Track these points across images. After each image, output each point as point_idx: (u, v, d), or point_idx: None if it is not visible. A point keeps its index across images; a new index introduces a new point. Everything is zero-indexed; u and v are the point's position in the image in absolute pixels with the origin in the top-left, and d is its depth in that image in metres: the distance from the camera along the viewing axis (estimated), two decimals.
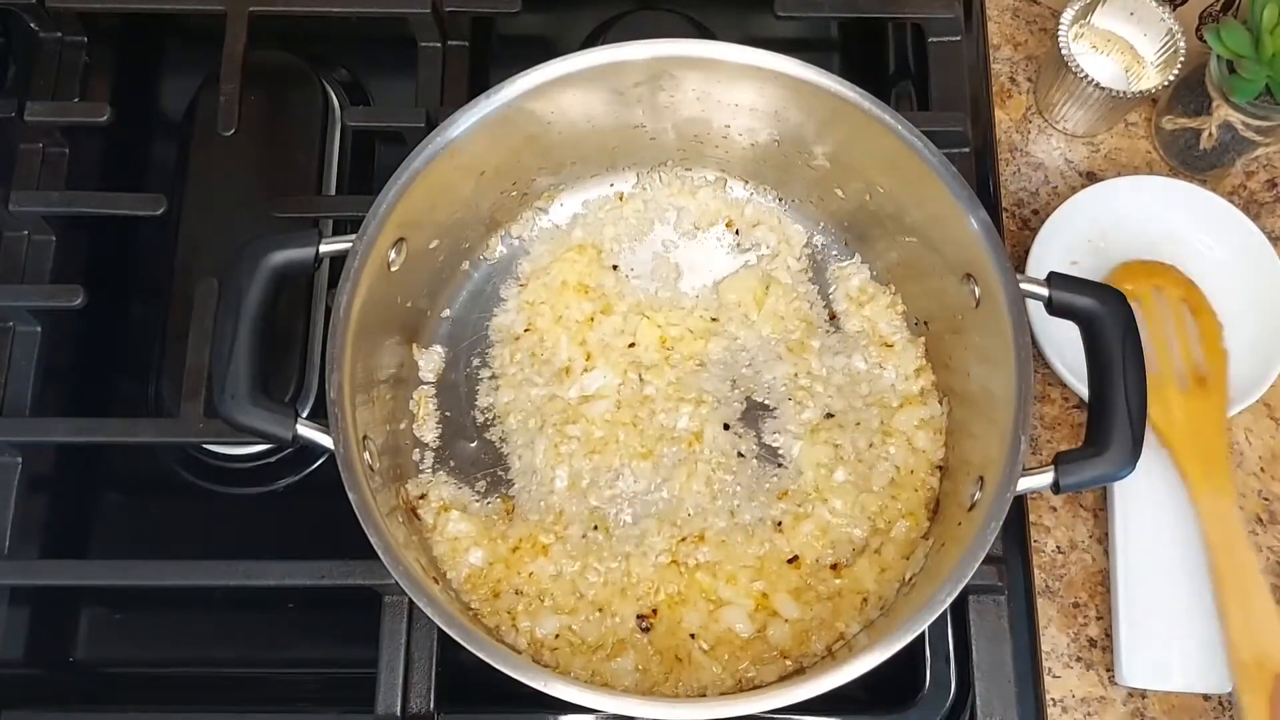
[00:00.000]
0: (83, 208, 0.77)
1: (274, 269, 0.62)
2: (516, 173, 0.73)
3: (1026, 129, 0.83)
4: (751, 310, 0.74)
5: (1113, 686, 0.70)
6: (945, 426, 0.71)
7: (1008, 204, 0.81)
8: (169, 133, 0.83)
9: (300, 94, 0.81)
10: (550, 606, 0.66)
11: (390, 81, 0.84)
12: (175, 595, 0.72)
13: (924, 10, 0.80)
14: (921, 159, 0.65)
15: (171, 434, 0.72)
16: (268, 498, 0.75)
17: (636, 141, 0.74)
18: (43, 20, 0.81)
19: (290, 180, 0.78)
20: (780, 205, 0.77)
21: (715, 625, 0.67)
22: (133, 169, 0.83)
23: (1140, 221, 0.78)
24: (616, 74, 0.68)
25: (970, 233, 0.64)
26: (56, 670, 0.72)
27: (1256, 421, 0.76)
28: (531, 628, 0.66)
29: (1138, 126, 0.83)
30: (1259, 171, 0.82)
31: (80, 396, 0.77)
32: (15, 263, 0.77)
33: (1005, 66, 0.85)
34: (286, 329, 0.74)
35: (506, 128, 0.67)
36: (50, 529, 0.74)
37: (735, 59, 0.67)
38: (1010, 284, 0.62)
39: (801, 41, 0.87)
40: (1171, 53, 0.77)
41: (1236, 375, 0.75)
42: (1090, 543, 0.74)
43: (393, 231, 0.65)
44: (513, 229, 0.76)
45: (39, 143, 0.79)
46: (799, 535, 0.68)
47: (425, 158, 0.65)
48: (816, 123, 0.70)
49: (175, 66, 0.86)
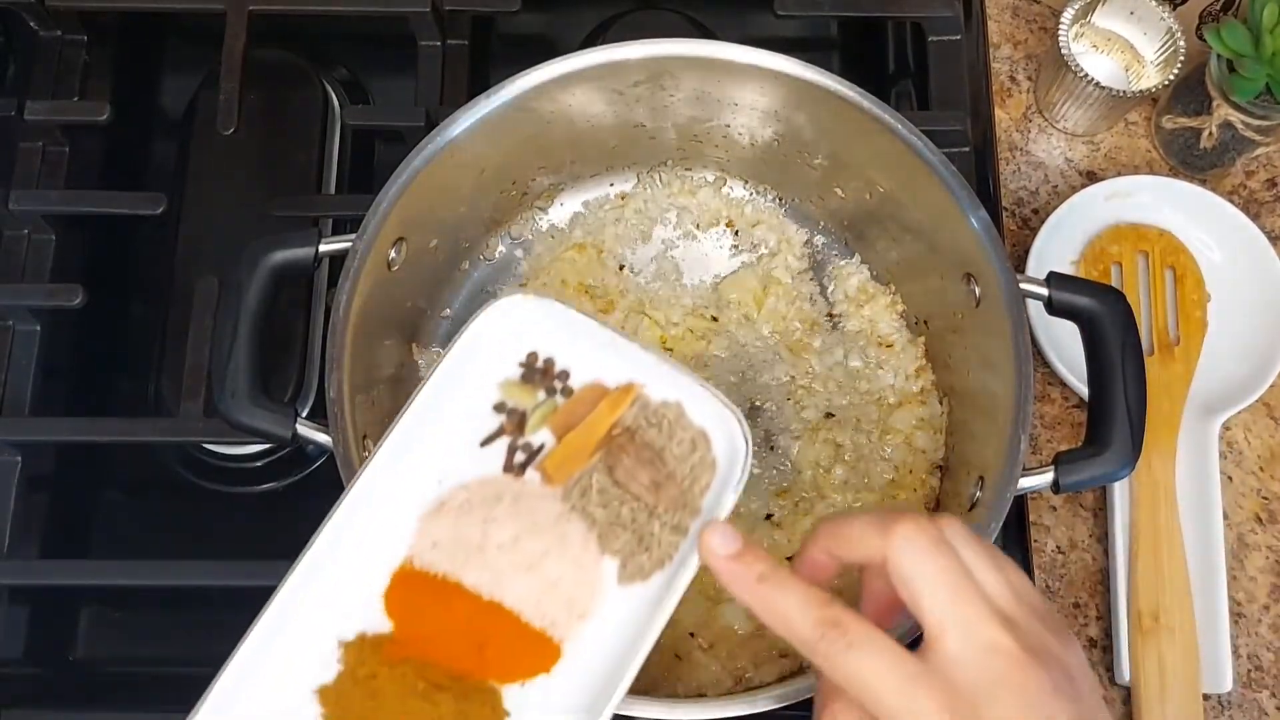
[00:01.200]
0: (82, 207, 0.77)
1: (273, 268, 0.62)
2: (516, 172, 0.73)
3: (1026, 128, 0.83)
4: (751, 310, 0.74)
5: (1113, 686, 0.70)
6: (945, 426, 0.71)
7: (1007, 203, 0.81)
8: (169, 132, 0.83)
9: (300, 93, 0.81)
10: None
11: (390, 80, 0.84)
12: (175, 595, 0.72)
13: (924, 9, 0.80)
14: (921, 158, 0.65)
15: (171, 433, 0.72)
16: (268, 497, 0.74)
17: (636, 141, 0.74)
18: (43, 19, 0.81)
19: (290, 179, 0.78)
20: (780, 205, 0.77)
21: (714, 623, 0.67)
22: (132, 168, 0.83)
23: (1140, 220, 0.78)
24: (616, 73, 0.68)
25: (970, 232, 0.64)
26: (56, 670, 0.72)
27: (1256, 421, 0.76)
28: None
29: (1138, 126, 0.83)
30: (1259, 171, 0.82)
31: (80, 396, 0.77)
32: (15, 262, 0.77)
33: (1005, 65, 0.85)
34: (286, 328, 0.74)
35: (506, 127, 0.67)
36: (50, 528, 0.74)
37: (735, 58, 0.67)
38: (1010, 283, 0.62)
39: (801, 41, 0.87)
40: (1171, 52, 0.77)
41: (1236, 374, 0.75)
42: (1090, 542, 0.74)
43: (393, 231, 0.65)
44: (512, 228, 0.76)
45: (39, 141, 0.79)
46: (797, 532, 0.68)
47: (425, 157, 0.65)
48: (816, 122, 0.70)
49: (175, 65, 0.86)
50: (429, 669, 0.50)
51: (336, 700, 0.50)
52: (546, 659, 0.50)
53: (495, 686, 0.50)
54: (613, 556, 0.51)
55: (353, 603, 0.51)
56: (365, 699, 0.49)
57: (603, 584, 0.51)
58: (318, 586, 0.50)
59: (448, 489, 0.52)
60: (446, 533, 0.51)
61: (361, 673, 0.50)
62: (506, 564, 0.51)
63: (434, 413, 0.53)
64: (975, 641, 0.43)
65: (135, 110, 0.84)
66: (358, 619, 0.51)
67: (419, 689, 0.49)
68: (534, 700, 0.49)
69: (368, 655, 0.50)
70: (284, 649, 0.50)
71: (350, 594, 0.51)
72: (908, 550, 0.45)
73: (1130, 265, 0.77)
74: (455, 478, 0.53)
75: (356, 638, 0.50)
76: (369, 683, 0.50)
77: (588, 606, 0.51)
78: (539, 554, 0.51)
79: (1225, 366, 0.75)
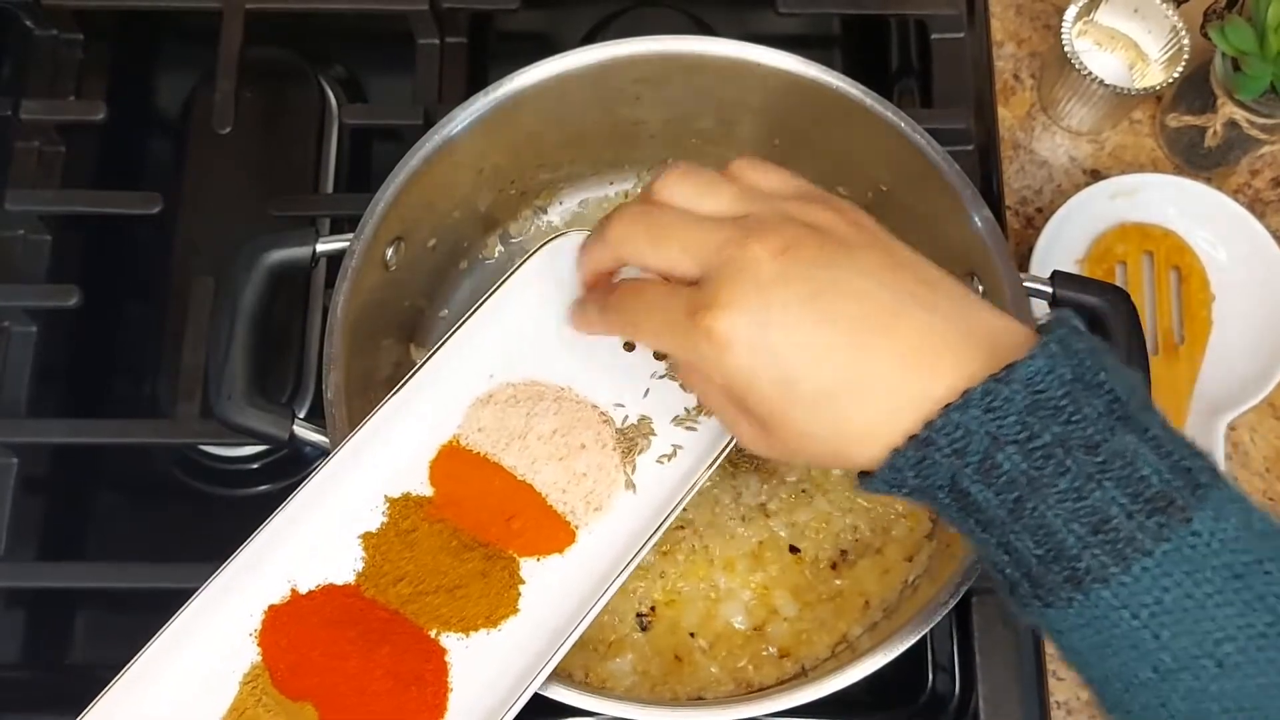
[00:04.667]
0: (78, 206, 0.77)
1: (270, 268, 0.62)
2: (515, 171, 0.73)
3: (1030, 126, 0.82)
4: None
5: None
6: None
7: (1011, 202, 0.80)
8: (165, 131, 0.83)
9: (297, 91, 0.80)
10: None
11: (388, 79, 0.84)
12: (172, 597, 0.71)
13: (927, 7, 0.80)
14: (924, 156, 0.65)
15: (167, 435, 0.71)
16: (265, 499, 0.74)
17: (636, 139, 0.74)
18: (38, 18, 0.81)
19: (287, 178, 0.78)
20: None
21: (714, 621, 0.66)
22: (128, 168, 0.83)
23: (1144, 219, 0.78)
24: (616, 71, 0.67)
25: (973, 231, 0.64)
26: (52, 673, 0.72)
27: (1261, 422, 0.76)
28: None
29: (1142, 124, 0.82)
30: (1264, 169, 0.82)
31: (76, 397, 0.77)
32: (11, 262, 0.76)
33: (1009, 63, 0.84)
34: (283, 329, 0.73)
35: (505, 125, 0.67)
36: (45, 530, 0.73)
37: (736, 56, 0.67)
38: (1014, 282, 0.62)
39: (803, 38, 0.87)
40: (1176, 50, 0.77)
41: (1241, 375, 0.74)
42: None
43: (390, 230, 0.65)
44: (511, 228, 0.76)
45: (34, 141, 0.79)
46: (794, 524, 0.68)
47: (423, 156, 0.65)
48: (818, 120, 0.69)
49: (171, 64, 0.86)
50: (461, 532, 0.57)
51: (377, 546, 0.57)
52: (562, 540, 0.57)
53: (515, 557, 0.57)
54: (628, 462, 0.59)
55: (402, 467, 0.58)
56: (403, 548, 0.56)
57: (619, 485, 0.58)
58: (376, 449, 0.57)
59: (498, 384, 0.60)
60: (492, 420, 0.59)
61: (404, 525, 0.57)
62: (543, 452, 0.58)
63: (496, 316, 0.60)
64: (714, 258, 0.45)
65: (131, 109, 0.83)
66: (405, 481, 0.58)
67: (451, 545, 0.57)
68: (546, 575, 0.57)
69: (411, 511, 0.57)
70: (337, 497, 0.57)
71: (401, 459, 0.58)
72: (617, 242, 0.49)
73: (1135, 264, 0.77)
74: (505, 375, 0.60)
75: (402, 495, 0.58)
76: (408, 535, 0.57)
77: (604, 502, 0.58)
78: (573, 448, 0.59)
79: (1231, 367, 0.75)
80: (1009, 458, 0.41)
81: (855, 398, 0.43)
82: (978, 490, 0.42)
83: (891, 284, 0.44)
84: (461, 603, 0.56)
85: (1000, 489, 0.41)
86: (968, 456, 0.41)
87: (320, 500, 0.56)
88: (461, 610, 0.56)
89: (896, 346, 0.43)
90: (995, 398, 0.41)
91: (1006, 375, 0.41)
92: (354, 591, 0.56)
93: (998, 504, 0.42)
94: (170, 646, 0.54)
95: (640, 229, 0.48)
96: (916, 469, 0.43)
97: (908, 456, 0.43)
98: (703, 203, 0.47)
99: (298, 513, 0.56)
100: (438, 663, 0.55)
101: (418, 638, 0.55)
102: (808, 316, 0.43)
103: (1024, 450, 0.41)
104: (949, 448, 0.42)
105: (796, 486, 0.69)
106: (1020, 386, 0.41)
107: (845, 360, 0.43)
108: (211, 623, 0.55)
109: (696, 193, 0.48)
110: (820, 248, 0.44)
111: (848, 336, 0.43)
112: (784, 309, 0.43)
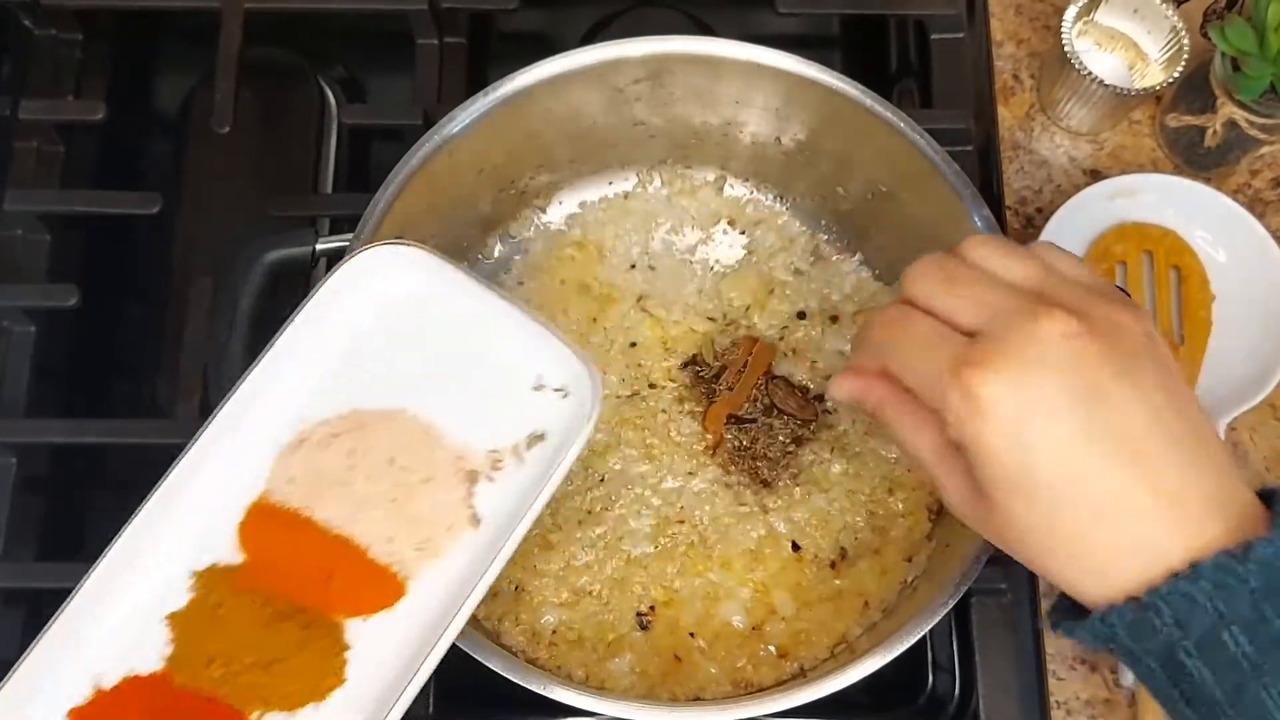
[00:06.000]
0: (77, 206, 0.77)
1: (270, 267, 0.62)
2: (515, 171, 0.72)
3: (1030, 126, 0.82)
4: (753, 309, 0.74)
5: (1117, 689, 0.70)
6: None
7: (1011, 202, 0.80)
8: (164, 131, 0.83)
9: (296, 91, 0.80)
10: (549, 602, 0.66)
11: (387, 79, 0.84)
12: None
13: (926, 7, 0.80)
14: (924, 156, 0.65)
15: (167, 435, 0.71)
16: None
17: (636, 139, 0.74)
18: (37, 17, 0.81)
19: (286, 178, 0.78)
20: (781, 203, 0.77)
21: (712, 621, 0.66)
22: (128, 167, 0.83)
23: (1144, 219, 0.78)
24: (615, 71, 0.67)
25: (973, 231, 0.64)
26: None
27: (1261, 422, 0.76)
28: (531, 622, 0.65)
29: (1142, 124, 0.82)
30: (1264, 170, 0.81)
31: (75, 397, 0.77)
32: (10, 262, 0.76)
33: (1008, 64, 0.84)
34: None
35: (504, 125, 0.67)
36: (45, 530, 0.73)
37: (736, 56, 0.67)
38: None
39: (803, 38, 0.87)
40: (1176, 50, 0.77)
41: (1241, 375, 0.74)
42: None
43: (390, 230, 0.64)
44: (511, 227, 0.76)
45: (34, 141, 0.78)
46: (793, 520, 0.68)
47: (423, 156, 0.65)
48: (818, 120, 0.69)
49: (171, 64, 0.86)
50: (276, 598, 0.52)
51: (185, 625, 0.52)
52: (390, 595, 0.53)
53: (340, 620, 0.52)
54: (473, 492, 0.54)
55: (208, 535, 0.54)
56: (211, 625, 0.52)
57: (461, 519, 0.54)
58: (174, 519, 0.53)
59: (310, 424, 0.55)
60: (303, 468, 0.54)
61: (210, 600, 0.53)
62: (373, 493, 0.53)
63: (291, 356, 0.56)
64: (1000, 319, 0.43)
65: (131, 109, 0.83)
66: (212, 550, 0.53)
67: (264, 616, 0.52)
68: (374, 635, 0.52)
69: (217, 583, 0.53)
70: (137, 576, 0.52)
71: (206, 526, 0.54)
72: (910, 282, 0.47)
73: (1135, 265, 0.77)
74: (318, 413, 0.55)
75: (208, 567, 0.53)
76: (215, 610, 0.52)
77: (440, 544, 0.53)
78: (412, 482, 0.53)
79: (1230, 367, 0.75)
80: (1234, 638, 0.39)
81: (1101, 524, 0.41)
82: (1195, 666, 0.40)
83: (1166, 415, 0.42)
84: (280, 679, 0.51)
85: (1220, 669, 0.40)
86: (1190, 630, 0.40)
87: (117, 583, 0.52)
88: (282, 686, 0.51)
89: (1155, 486, 0.41)
90: (1228, 574, 0.39)
91: (1244, 554, 0.40)
92: (162, 680, 0.51)
93: (1214, 683, 0.40)
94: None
95: (937, 269, 0.47)
96: (1131, 630, 0.41)
97: (1124, 614, 0.41)
98: (1005, 269, 0.46)
99: (97, 592, 0.51)
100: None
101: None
102: (1077, 416, 0.41)
103: (1252, 633, 0.39)
104: (1172, 617, 0.40)
105: (794, 485, 0.69)
106: (1256, 567, 0.39)
107: (1100, 479, 0.41)
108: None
109: (1001, 258, 0.46)
110: (1111, 348, 0.42)
111: (1110, 454, 0.41)
112: (1055, 397, 0.41)
